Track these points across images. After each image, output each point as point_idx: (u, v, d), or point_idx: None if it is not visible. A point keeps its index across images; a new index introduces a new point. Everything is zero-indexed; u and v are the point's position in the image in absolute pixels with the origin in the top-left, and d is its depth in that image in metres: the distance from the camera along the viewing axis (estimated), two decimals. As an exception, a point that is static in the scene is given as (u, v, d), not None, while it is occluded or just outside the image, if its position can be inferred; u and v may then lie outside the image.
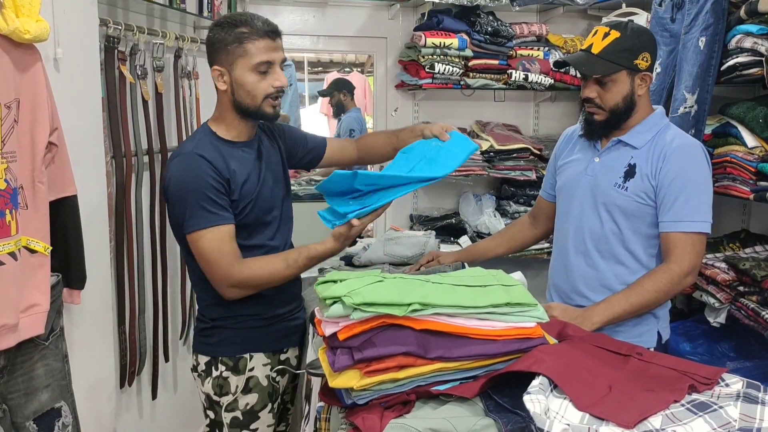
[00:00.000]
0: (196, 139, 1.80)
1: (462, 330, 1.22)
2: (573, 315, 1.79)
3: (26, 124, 1.65)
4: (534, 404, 1.03)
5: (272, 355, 1.92)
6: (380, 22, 3.75)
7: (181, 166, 1.74)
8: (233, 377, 1.86)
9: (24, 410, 1.71)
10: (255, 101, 1.76)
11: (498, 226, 3.49)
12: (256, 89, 1.74)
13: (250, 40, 1.72)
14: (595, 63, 1.88)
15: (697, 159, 1.89)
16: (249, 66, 1.73)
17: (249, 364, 1.87)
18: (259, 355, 1.89)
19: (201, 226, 1.70)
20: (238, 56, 1.72)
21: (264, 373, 1.89)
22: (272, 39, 1.74)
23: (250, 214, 1.81)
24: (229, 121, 1.82)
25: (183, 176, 1.72)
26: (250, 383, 1.88)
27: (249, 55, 1.72)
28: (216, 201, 1.71)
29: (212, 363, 1.88)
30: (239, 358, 1.87)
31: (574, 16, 3.89)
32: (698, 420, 1.00)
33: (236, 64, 1.73)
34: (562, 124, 3.78)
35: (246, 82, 1.74)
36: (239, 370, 1.86)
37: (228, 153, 1.78)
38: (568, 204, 2.07)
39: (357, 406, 1.19)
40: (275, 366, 1.91)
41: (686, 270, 1.84)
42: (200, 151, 1.74)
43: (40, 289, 1.70)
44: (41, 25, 1.63)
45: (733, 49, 2.45)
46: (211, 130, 1.83)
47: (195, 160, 1.72)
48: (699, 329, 2.77)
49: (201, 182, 1.70)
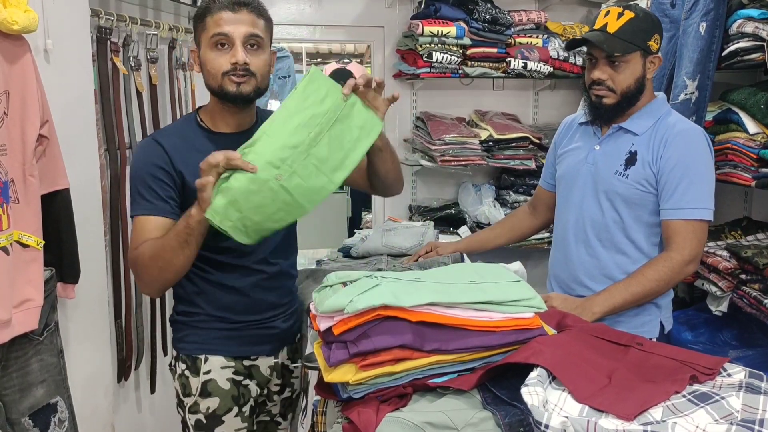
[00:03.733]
0: (173, 125, 1.76)
1: (459, 321, 1.20)
2: (573, 305, 1.77)
3: (16, 117, 1.63)
4: (532, 396, 1.01)
5: (234, 359, 1.75)
6: (377, 11, 3.72)
7: (138, 149, 1.71)
8: (192, 378, 1.74)
9: (19, 406, 1.70)
10: (215, 80, 1.62)
11: (497, 216, 3.47)
12: (213, 65, 1.61)
13: (209, 12, 1.60)
14: (614, 42, 1.85)
15: (699, 145, 1.87)
16: (207, 41, 1.60)
17: (204, 366, 1.73)
18: (217, 358, 1.74)
19: (134, 212, 1.62)
20: (201, 32, 1.63)
21: (224, 376, 1.74)
22: (233, 11, 1.59)
23: None
24: (214, 110, 1.71)
25: (135, 159, 1.69)
26: (209, 387, 1.73)
27: (207, 29, 1.60)
28: (154, 189, 1.59)
29: (177, 359, 1.78)
30: (195, 359, 1.74)
31: (573, 3, 3.86)
32: (700, 411, 0.98)
33: (201, 41, 1.63)
34: (561, 112, 3.75)
35: (206, 59, 1.62)
36: (197, 370, 1.74)
37: (200, 144, 1.65)
38: (568, 193, 2.04)
39: (353, 399, 1.18)
40: (240, 370, 1.75)
41: (688, 258, 1.81)
42: (160, 136, 1.67)
43: (33, 284, 1.68)
44: (30, 16, 1.61)
45: (734, 35, 2.42)
46: (196, 117, 1.73)
47: (149, 146, 1.65)
48: (701, 318, 2.75)
49: (145, 167, 1.61)
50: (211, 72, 1.62)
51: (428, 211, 3.66)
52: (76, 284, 1.92)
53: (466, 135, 3.48)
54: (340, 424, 1.20)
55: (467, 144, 3.46)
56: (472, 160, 3.46)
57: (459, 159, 3.43)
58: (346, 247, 2.31)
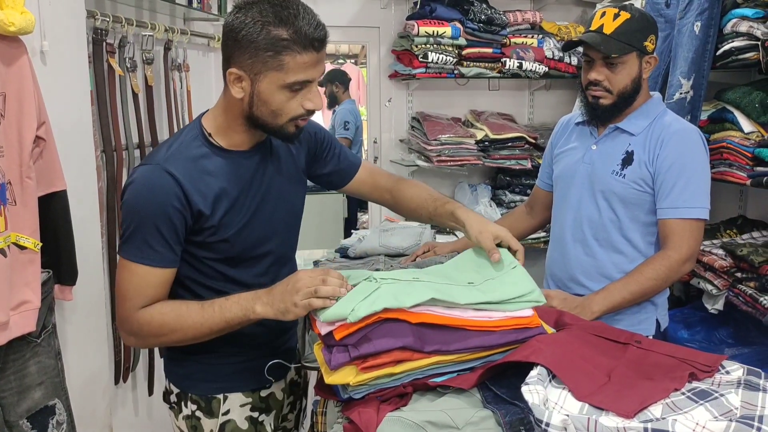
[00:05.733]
0: (178, 143, 1.42)
1: (458, 322, 1.20)
2: (572, 304, 1.78)
3: (13, 119, 1.63)
4: (532, 395, 1.01)
5: (251, 393, 1.57)
6: (373, 11, 3.72)
7: (143, 180, 1.37)
8: (206, 419, 1.55)
9: (17, 408, 1.69)
10: (277, 120, 1.38)
11: (494, 215, 3.47)
12: (284, 109, 1.36)
13: (290, 52, 1.29)
14: (610, 43, 1.85)
15: (695, 145, 1.88)
16: (281, 83, 1.32)
17: (223, 406, 1.55)
18: (236, 396, 1.55)
19: (130, 257, 1.36)
20: (270, 68, 1.31)
21: (243, 414, 1.56)
22: (317, 51, 1.33)
23: (233, 246, 1.45)
24: (233, 126, 1.44)
25: (140, 193, 1.36)
26: (227, 428, 1.55)
27: (285, 71, 1.31)
28: (163, 236, 1.36)
29: (183, 397, 1.57)
30: (211, 399, 1.54)
31: (568, 3, 3.88)
32: (699, 408, 0.99)
33: (264, 75, 1.32)
34: (557, 112, 3.76)
35: (272, 100, 1.34)
36: (212, 412, 1.55)
37: (215, 167, 1.42)
38: (565, 193, 2.05)
39: (353, 400, 1.18)
40: (257, 405, 1.58)
41: (684, 257, 1.82)
42: (170, 165, 1.36)
43: (30, 286, 1.68)
44: (26, 17, 1.60)
45: (729, 34, 2.43)
46: (204, 131, 1.44)
47: (159, 179, 1.35)
48: (697, 316, 2.76)
49: (156, 210, 1.34)
50: (278, 113, 1.37)
51: (424, 211, 3.66)
52: (74, 286, 1.91)
53: (462, 135, 3.49)
54: (341, 424, 1.20)
55: (463, 144, 3.46)
56: (468, 160, 3.46)
57: (455, 159, 3.44)
58: (343, 248, 2.31)
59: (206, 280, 1.48)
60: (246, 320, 1.34)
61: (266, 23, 1.29)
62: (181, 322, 1.36)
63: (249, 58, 1.31)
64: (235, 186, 1.44)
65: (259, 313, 1.31)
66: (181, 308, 1.38)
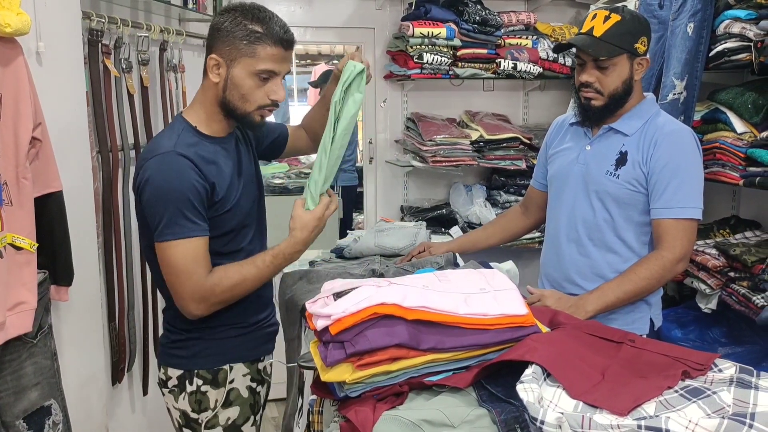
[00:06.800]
0: (175, 135, 1.62)
1: (454, 320, 1.21)
2: (567, 304, 1.79)
3: (9, 120, 1.63)
4: (527, 393, 1.02)
5: (251, 365, 1.79)
6: (368, 12, 3.72)
7: (162, 166, 1.56)
8: (212, 391, 1.72)
9: (13, 409, 1.69)
10: (246, 107, 1.62)
11: (489, 216, 3.48)
12: (252, 95, 1.60)
13: (261, 42, 1.56)
14: (599, 45, 1.87)
15: (688, 145, 1.89)
16: (252, 69, 1.58)
17: (229, 375, 1.74)
18: (239, 366, 1.76)
19: (179, 235, 1.54)
20: (244, 55, 1.57)
21: (244, 383, 1.77)
22: (285, 48, 1.60)
23: (233, 218, 1.68)
24: (211, 115, 1.67)
25: (165, 178, 1.55)
26: (231, 396, 1.75)
27: (255, 58, 1.57)
28: (197, 209, 1.57)
29: (186, 377, 1.73)
30: (218, 371, 1.73)
31: (562, 4, 3.88)
32: (692, 406, 1.00)
33: (238, 61, 1.57)
34: (551, 112, 3.77)
35: (243, 84, 1.59)
36: (218, 383, 1.73)
37: (211, 151, 1.64)
38: (560, 193, 2.06)
39: (349, 398, 1.18)
40: (255, 376, 1.79)
41: (678, 257, 1.84)
42: (182, 149, 1.57)
43: (27, 287, 1.68)
44: (22, 19, 1.60)
45: (722, 35, 2.45)
46: (189, 123, 1.66)
47: (177, 161, 1.56)
48: (690, 315, 2.78)
49: (186, 186, 1.55)
50: (247, 99, 1.61)
51: (420, 211, 3.67)
52: (70, 287, 1.91)
53: (457, 136, 3.50)
54: (337, 423, 1.21)
55: (458, 144, 3.47)
56: (463, 160, 3.47)
57: (450, 159, 3.45)
58: (339, 248, 2.32)
59: None
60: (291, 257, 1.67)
61: (245, 19, 1.58)
62: (244, 278, 1.62)
63: (227, 46, 1.58)
64: (226, 166, 1.67)
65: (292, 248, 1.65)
66: (242, 268, 1.63)
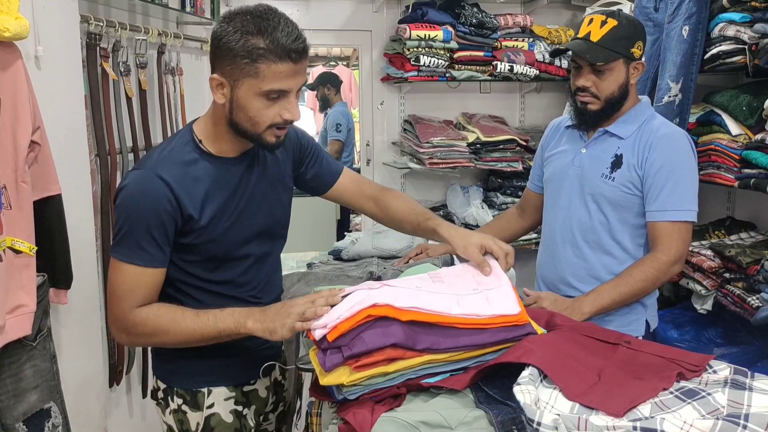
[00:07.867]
0: (170, 147, 1.48)
1: (447, 320, 1.22)
2: (563, 306, 1.80)
3: (8, 123, 1.63)
4: (524, 395, 1.03)
5: (235, 388, 1.62)
6: (365, 15, 3.73)
7: (136, 184, 1.41)
8: (191, 413, 1.59)
9: (13, 412, 1.70)
10: (256, 128, 1.41)
11: (485, 217, 3.49)
12: (260, 116, 1.39)
13: (265, 60, 1.33)
14: (596, 50, 1.88)
15: (683, 148, 1.90)
16: (257, 90, 1.36)
17: (207, 399, 1.59)
18: (220, 389, 1.60)
19: (124, 258, 1.41)
20: (247, 75, 1.35)
21: (227, 408, 1.60)
22: (294, 62, 1.36)
23: (218, 247, 1.50)
24: (220, 134, 1.48)
25: (132, 197, 1.41)
26: (212, 421, 1.59)
27: (260, 78, 1.35)
28: (155, 239, 1.41)
29: (169, 392, 1.61)
30: (196, 392, 1.59)
31: (558, 6, 3.90)
32: (687, 407, 1.01)
33: (242, 82, 1.36)
34: (547, 114, 3.78)
35: (249, 106, 1.38)
36: (197, 405, 1.59)
37: (206, 172, 1.47)
38: (555, 195, 2.07)
39: (348, 400, 1.19)
40: (240, 399, 1.62)
41: (673, 259, 1.85)
42: (161, 169, 1.41)
43: (26, 290, 1.69)
44: (21, 23, 1.61)
45: (716, 38, 2.46)
46: (194, 137, 1.49)
47: (152, 184, 1.40)
48: (686, 316, 2.79)
49: (150, 212, 1.39)
50: (255, 120, 1.40)
51: (417, 213, 3.67)
52: (69, 290, 1.92)
53: (454, 137, 3.51)
54: (336, 425, 1.21)
55: (455, 146, 3.48)
56: (460, 162, 3.48)
57: (447, 161, 3.46)
58: (336, 250, 2.33)
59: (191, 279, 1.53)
60: (236, 333, 1.40)
61: (246, 32, 1.34)
62: (175, 326, 1.41)
63: (228, 65, 1.37)
64: (222, 191, 1.49)
65: (249, 328, 1.38)
66: (176, 313, 1.43)
